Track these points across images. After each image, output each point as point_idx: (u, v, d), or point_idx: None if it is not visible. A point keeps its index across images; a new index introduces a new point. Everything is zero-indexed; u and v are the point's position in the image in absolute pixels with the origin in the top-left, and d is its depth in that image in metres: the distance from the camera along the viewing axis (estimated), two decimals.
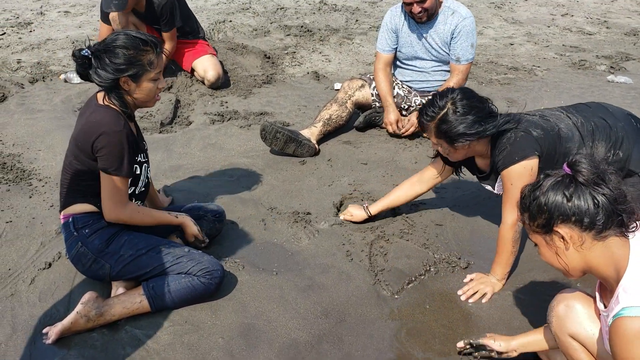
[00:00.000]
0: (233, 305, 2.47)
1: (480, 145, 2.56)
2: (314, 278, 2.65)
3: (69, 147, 2.42)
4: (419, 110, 2.62)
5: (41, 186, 3.32)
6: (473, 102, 2.48)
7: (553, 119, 2.58)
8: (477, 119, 2.45)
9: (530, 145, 2.45)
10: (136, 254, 2.41)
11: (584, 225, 1.60)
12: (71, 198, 2.43)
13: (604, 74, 5.46)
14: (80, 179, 2.39)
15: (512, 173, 2.45)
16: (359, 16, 7.10)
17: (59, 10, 6.77)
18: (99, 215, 2.43)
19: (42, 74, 4.87)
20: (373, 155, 3.77)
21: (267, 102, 4.60)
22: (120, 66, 2.26)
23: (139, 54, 2.28)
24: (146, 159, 2.53)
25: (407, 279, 2.66)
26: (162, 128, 4.12)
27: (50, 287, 2.55)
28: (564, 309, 1.87)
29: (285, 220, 3.06)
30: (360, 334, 2.34)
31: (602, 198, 1.58)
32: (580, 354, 1.84)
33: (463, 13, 3.78)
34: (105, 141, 2.27)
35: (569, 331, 1.85)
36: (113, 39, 2.29)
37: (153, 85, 2.37)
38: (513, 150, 2.45)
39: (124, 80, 2.29)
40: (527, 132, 2.47)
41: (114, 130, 2.28)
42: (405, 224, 3.07)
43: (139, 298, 2.37)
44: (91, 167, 2.34)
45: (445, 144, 2.54)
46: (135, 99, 2.39)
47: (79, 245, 2.40)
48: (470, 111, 2.45)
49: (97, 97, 2.40)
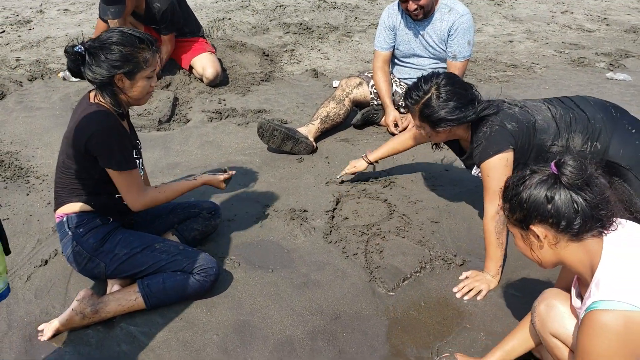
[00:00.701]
0: (228, 302, 2.47)
1: (461, 130, 2.66)
2: (310, 275, 2.65)
3: (62, 146, 2.42)
4: (404, 92, 2.72)
5: (38, 184, 3.33)
6: (456, 89, 2.56)
7: (532, 110, 2.65)
8: (459, 105, 2.53)
9: (504, 139, 2.53)
10: (131, 252, 2.41)
11: (560, 227, 1.61)
12: (65, 197, 2.43)
13: (603, 71, 5.45)
14: (73, 178, 2.39)
15: (488, 166, 2.55)
16: (358, 14, 7.09)
17: (58, 9, 6.77)
18: (93, 214, 2.43)
19: (40, 72, 4.88)
20: None
21: (265, 100, 4.60)
22: (115, 63, 2.24)
23: (135, 51, 2.27)
24: (138, 156, 2.52)
25: (403, 276, 2.66)
26: (160, 126, 4.13)
27: (47, 284, 2.56)
28: (545, 309, 1.88)
29: (281, 218, 3.06)
30: (354, 330, 2.35)
31: (583, 203, 1.58)
32: (564, 352, 1.84)
33: (460, 10, 3.78)
34: (100, 140, 2.26)
35: (551, 330, 1.86)
36: (109, 36, 2.27)
37: (147, 83, 2.36)
38: (487, 145, 2.55)
39: (118, 78, 2.28)
40: (501, 125, 2.55)
41: (105, 127, 2.27)
42: (401, 221, 3.07)
43: (134, 295, 2.38)
44: (84, 166, 2.34)
45: (427, 127, 2.64)
46: (129, 97, 2.37)
47: (74, 245, 2.41)
48: (453, 97, 2.53)
49: (89, 96, 2.39)
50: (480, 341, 2.30)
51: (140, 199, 2.42)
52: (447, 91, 2.54)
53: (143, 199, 2.42)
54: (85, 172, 2.37)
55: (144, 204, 2.44)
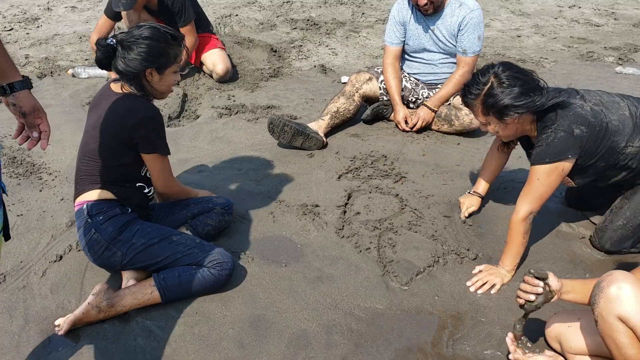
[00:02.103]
0: (243, 297, 2.48)
1: (528, 123, 2.51)
2: (323, 270, 2.66)
3: (89, 135, 2.46)
4: (462, 90, 2.55)
5: (51, 180, 3.35)
6: (516, 74, 2.40)
7: (608, 107, 2.51)
8: (524, 91, 2.37)
9: (567, 148, 2.42)
10: (148, 242, 2.43)
11: None
12: (87, 184, 2.47)
13: (612, 66, 5.43)
14: (100, 166, 2.44)
15: (540, 170, 2.46)
16: (365, 9, 7.08)
17: (65, 6, 6.79)
18: (114, 203, 2.46)
19: (50, 69, 4.89)
20: (381, 148, 3.78)
21: (274, 96, 4.61)
22: (149, 57, 2.34)
23: (168, 46, 2.37)
24: None
25: (416, 271, 2.66)
26: (170, 122, 4.14)
27: (62, 279, 2.57)
28: (615, 291, 1.81)
29: (293, 213, 3.07)
30: (369, 324, 2.35)
31: None
32: (624, 338, 1.79)
33: (470, 5, 3.77)
34: (149, 125, 2.40)
35: (620, 313, 1.79)
36: (144, 31, 2.35)
37: (174, 77, 2.47)
38: (547, 150, 2.43)
39: (149, 71, 2.37)
40: (568, 132, 2.41)
41: (150, 115, 2.40)
42: (413, 216, 3.07)
43: (150, 289, 2.39)
44: (120, 153, 2.43)
45: (494, 120, 2.48)
46: (155, 90, 2.46)
47: (93, 232, 2.42)
48: (516, 82, 2.38)
49: (111, 87, 2.45)
50: (495, 334, 2.31)
51: (170, 184, 2.63)
52: (508, 77, 2.38)
53: (172, 184, 2.65)
54: (116, 160, 2.44)
55: (171, 190, 2.67)
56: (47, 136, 1.85)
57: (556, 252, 2.79)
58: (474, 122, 3.86)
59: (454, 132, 3.96)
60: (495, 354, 2.21)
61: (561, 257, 2.77)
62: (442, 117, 3.94)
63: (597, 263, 2.74)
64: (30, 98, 1.78)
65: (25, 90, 1.76)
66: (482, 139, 3.94)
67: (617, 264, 2.73)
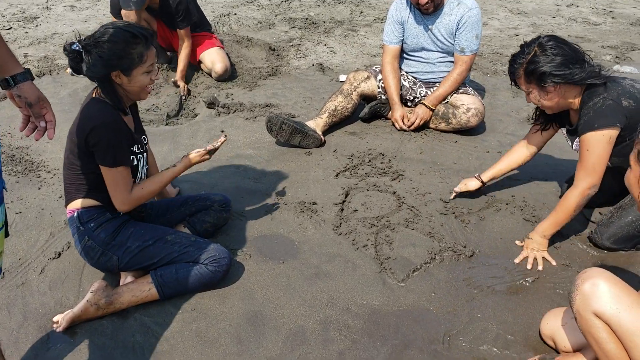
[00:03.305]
0: (240, 293, 2.50)
1: (571, 94, 2.59)
2: (320, 267, 2.67)
3: (67, 142, 2.44)
4: (509, 62, 2.65)
5: (49, 178, 3.36)
6: (561, 45, 2.50)
7: None
8: (565, 61, 2.47)
9: (614, 115, 2.47)
10: (143, 245, 2.44)
11: None
12: (73, 193, 2.45)
13: (610, 64, 5.44)
14: (79, 174, 2.40)
15: (590, 139, 2.50)
16: (364, 8, 7.09)
17: (64, 5, 6.80)
18: (103, 209, 2.45)
19: (49, 67, 4.91)
20: (378, 146, 3.79)
21: (273, 94, 4.62)
22: (110, 61, 2.24)
23: (128, 47, 2.26)
24: (142, 150, 2.52)
25: (413, 267, 2.68)
26: (168, 120, 4.15)
27: (60, 276, 2.59)
28: (590, 287, 1.85)
29: (291, 211, 3.08)
30: (366, 321, 2.36)
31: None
32: (603, 334, 1.82)
33: (469, 4, 3.78)
34: (97, 135, 2.26)
35: (594, 309, 1.82)
36: (102, 33, 2.26)
37: (145, 78, 2.36)
38: (595, 117, 2.48)
39: (115, 74, 2.29)
40: (616, 101, 2.48)
41: (102, 122, 2.27)
42: (410, 213, 3.08)
43: (148, 286, 2.40)
44: (87, 161, 2.35)
45: (535, 88, 2.58)
46: (128, 92, 2.38)
47: (86, 239, 2.43)
48: (559, 53, 2.47)
49: (94, 91, 2.42)
50: (491, 330, 2.32)
51: (126, 199, 2.39)
52: (552, 46, 2.49)
53: (129, 198, 2.40)
54: (90, 168, 2.38)
55: (130, 204, 2.42)
56: (53, 125, 1.85)
57: (552, 249, 2.80)
58: (471, 120, 3.87)
59: (451, 130, 3.97)
60: (491, 350, 2.23)
61: (558, 253, 2.78)
62: (440, 116, 3.95)
63: (593, 259, 2.75)
64: (34, 89, 1.79)
65: (29, 82, 1.77)
66: (479, 137, 3.96)
67: (612, 261, 2.74)
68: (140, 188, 2.46)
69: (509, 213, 3.10)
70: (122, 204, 2.40)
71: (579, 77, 2.48)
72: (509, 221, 3.03)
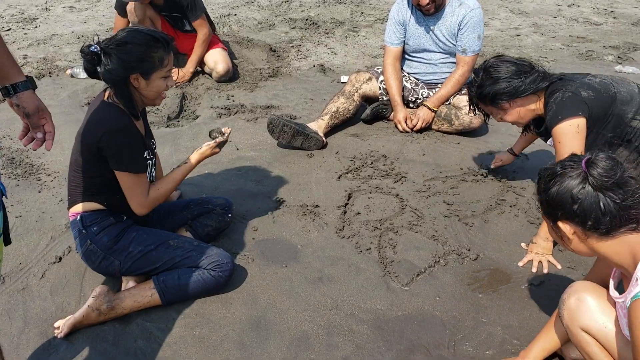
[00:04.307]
0: (243, 298, 2.47)
1: (530, 103, 2.69)
2: (324, 270, 2.65)
3: (75, 144, 2.42)
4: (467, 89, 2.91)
5: (50, 181, 3.34)
6: (503, 64, 2.67)
7: (617, 82, 2.66)
8: (508, 78, 2.62)
9: (575, 105, 2.54)
10: (145, 249, 2.41)
11: (587, 226, 1.62)
12: (78, 196, 2.43)
13: (612, 64, 5.42)
14: (86, 177, 2.38)
15: (559, 131, 2.56)
16: (364, 8, 7.07)
17: (64, 6, 6.78)
18: (107, 213, 2.43)
19: (48, 69, 4.88)
20: (381, 148, 3.77)
21: (274, 96, 4.60)
22: (131, 63, 2.23)
23: (150, 50, 2.25)
24: (152, 157, 2.51)
25: (417, 271, 2.66)
26: (169, 122, 4.13)
27: (61, 280, 2.56)
28: (575, 302, 1.85)
29: (293, 214, 3.06)
30: (371, 325, 2.34)
31: (611, 205, 1.58)
32: (593, 347, 1.82)
33: (471, 4, 3.76)
34: (110, 140, 2.25)
35: (581, 324, 1.83)
36: (124, 36, 2.25)
37: (163, 83, 2.35)
38: (557, 110, 2.57)
39: (134, 77, 2.27)
40: (575, 92, 2.56)
41: (117, 127, 2.26)
42: (413, 216, 3.06)
43: (150, 292, 2.38)
44: (96, 165, 2.33)
45: (492, 109, 2.75)
46: (144, 97, 2.36)
47: (88, 243, 2.41)
48: (501, 73, 2.64)
49: (104, 93, 2.39)
50: (497, 335, 2.30)
51: (143, 202, 2.40)
52: (495, 68, 2.66)
53: (146, 201, 2.40)
54: (98, 171, 2.36)
55: (147, 206, 2.42)
56: (51, 137, 1.83)
57: (556, 252, 2.77)
58: (474, 122, 3.85)
59: (454, 132, 3.95)
60: (497, 355, 2.20)
61: (563, 256, 2.76)
62: (442, 117, 3.93)
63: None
64: (34, 98, 1.76)
65: (29, 91, 1.74)
66: (482, 139, 3.93)
67: None
68: (156, 189, 2.46)
69: (513, 215, 3.08)
70: (140, 207, 2.40)
71: (523, 88, 2.61)
72: (513, 224, 3.01)
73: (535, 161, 3.63)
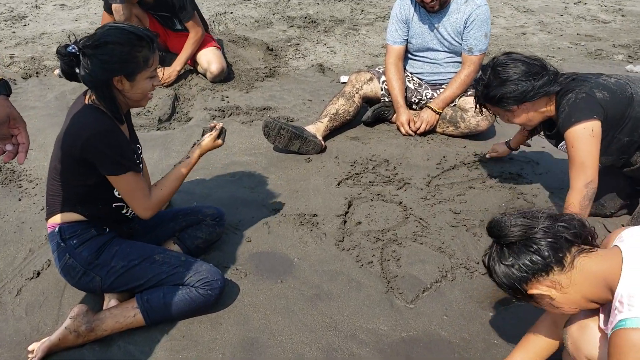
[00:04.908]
0: (235, 318, 2.29)
1: (540, 105, 2.53)
2: (322, 286, 2.46)
3: (54, 150, 2.23)
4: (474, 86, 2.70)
5: (31, 188, 3.14)
6: (513, 64, 2.48)
7: (634, 82, 2.53)
8: (517, 80, 2.44)
9: (589, 107, 2.40)
10: (129, 265, 2.23)
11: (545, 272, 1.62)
12: (57, 206, 2.24)
13: (622, 64, 5.23)
14: (66, 185, 2.20)
15: (572, 135, 2.42)
16: (365, 6, 6.87)
17: (54, 4, 6.58)
18: (87, 224, 2.23)
19: (35, 69, 4.68)
20: (382, 152, 3.57)
21: (270, 97, 4.40)
22: (113, 65, 2.03)
23: (134, 50, 2.06)
24: (139, 162, 2.33)
25: (422, 287, 2.47)
26: (160, 125, 3.93)
27: (38, 298, 2.37)
28: (577, 330, 1.75)
29: (290, 223, 2.87)
30: (372, 348, 2.16)
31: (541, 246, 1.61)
32: None
33: (477, 1, 3.56)
34: (96, 145, 2.06)
35: (586, 353, 1.72)
36: (104, 34, 2.04)
37: (148, 83, 2.16)
38: (570, 112, 2.42)
39: (117, 80, 2.08)
40: (589, 93, 2.42)
41: (100, 131, 2.07)
42: (418, 225, 2.87)
43: (133, 312, 2.19)
44: (78, 173, 2.15)
45: (499, 110, 2.58)
46: (128, 99, 2.17)
47: (67, 257, 2.22)
48: (510, 73, 2.45)
49: (85, 96, 2.20)
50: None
51: (147, 204, 2.23)
52: (504, 67, 2.47)
53: (149, 203, 2.24)
54: (79, 179, 2.17)
55: (152, 209, 2.25)
56: (25, 149, 1.63)
57: None
58: (481, 124, 3.65)
59: (459, 135, 3.75)
60: None
61: None
62: (447, 119, 3.74)
63: None
64: (5, 105, 1.57)
65: (1, 96, 1.56)
66: (490, 142, 3.74)
67: None
68: (159, 189, 2.29)
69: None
70: (144, 211, 2.23)
71: (532, 94, 2.44)
72: None
73: (546, 165, 3.44)
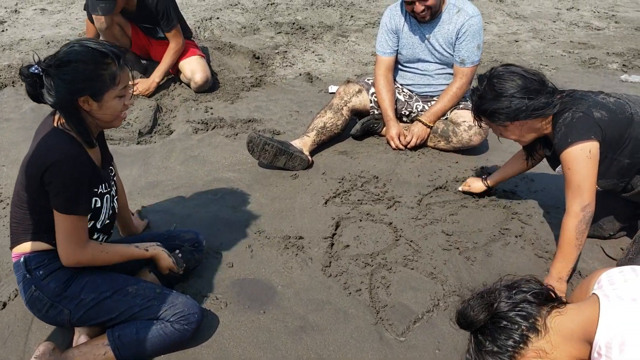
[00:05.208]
0: (213, 353, 2.14)
1: (538, 124, 2.43)
2: (307, 317, 2.31)
3: (18, 175, 2.07)
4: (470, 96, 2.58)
5: (1, 208, 2.98)
6: (510, 77, 2.36)
7: (634, 102, 2.42)
8: (511, 97, 2.33)
9: (587, 128, 2.30)
10: (99, 297, 2.07)
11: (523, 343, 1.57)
12: (21, 234, 2.08)
13: (617, 73, 5.13)
14: (30, 213, 2.04)
15: (568, 156, 2.31)
16: (354, 12, 6.74)
17: (35, 8, 6.40)
18: (54, 254, 2.07)
19: (11, 78, 4.50)
20: (372, 168, 3.43)
21: (256, 108, 4.25)
22: (77, 85, 1.89)
23: (99, 68, 1.92)
24: (109, 189, 2.17)
25: (414, 317, 2.33)
26: (141, 138, 3.77)
27: (3, 332, 2.21)
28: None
29: (274, 247, 2.72)
30: None
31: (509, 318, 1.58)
32: None
33: (470, 11, 3.44)
34: (56, 174, 1.91)
35: None
36: (67, 53, 1.90)
37: (119, 102, 2.01)
38: (567, 132, 2.32)
39: (83, 100, 1.93)
40: (587, 113, 2.32)
41: (65, 159, 1.92)
42: (409, 249, 2.73)
43: (103, 349, 2.04)
44: (41, 200, 1.99)
45: (492, 124, 2.49)
46: (98, 120, 2.03)
47: (33, 289, 2.06)
48: (507, 88, 2.34)
49: (53, 117, 2.05)
50: None
51: (77, 253, 2.02)
52: (501, 80, 2.36)
53: (81, 254, 2.03)
54: (43, 206, 2.01)
55: (78, 261, 2.04)
56: None
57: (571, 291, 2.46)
58: (473, 139, 3.53)
59: (451, 150, 3.62)
60: None
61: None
62: (439, 133, 3.60)
63: None
64: None
65: None
66: (482, 157, 3.62)
67: None
68: (100, 250, 2.10)
69: (519, 247, 2.76)
70: (67, 257, 2.02)
71: (525, 114, 2.34)
72: (519, 257, 2.70)
73: (541, 182, 3.31)
